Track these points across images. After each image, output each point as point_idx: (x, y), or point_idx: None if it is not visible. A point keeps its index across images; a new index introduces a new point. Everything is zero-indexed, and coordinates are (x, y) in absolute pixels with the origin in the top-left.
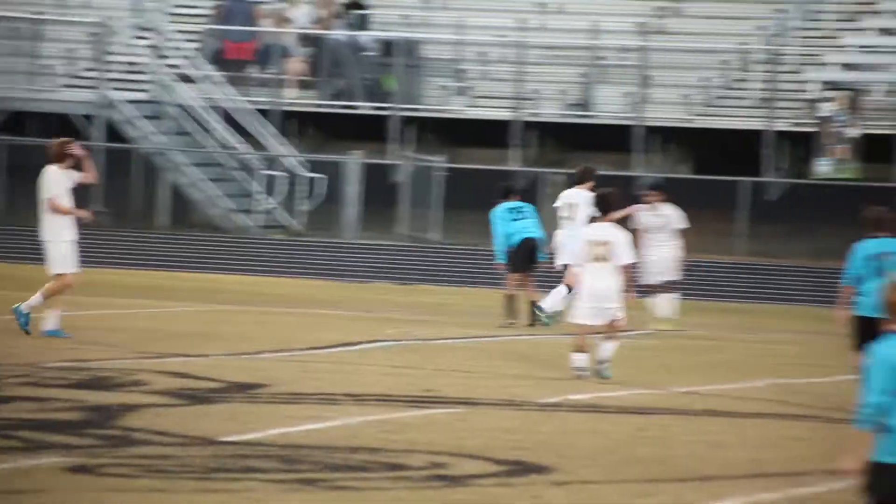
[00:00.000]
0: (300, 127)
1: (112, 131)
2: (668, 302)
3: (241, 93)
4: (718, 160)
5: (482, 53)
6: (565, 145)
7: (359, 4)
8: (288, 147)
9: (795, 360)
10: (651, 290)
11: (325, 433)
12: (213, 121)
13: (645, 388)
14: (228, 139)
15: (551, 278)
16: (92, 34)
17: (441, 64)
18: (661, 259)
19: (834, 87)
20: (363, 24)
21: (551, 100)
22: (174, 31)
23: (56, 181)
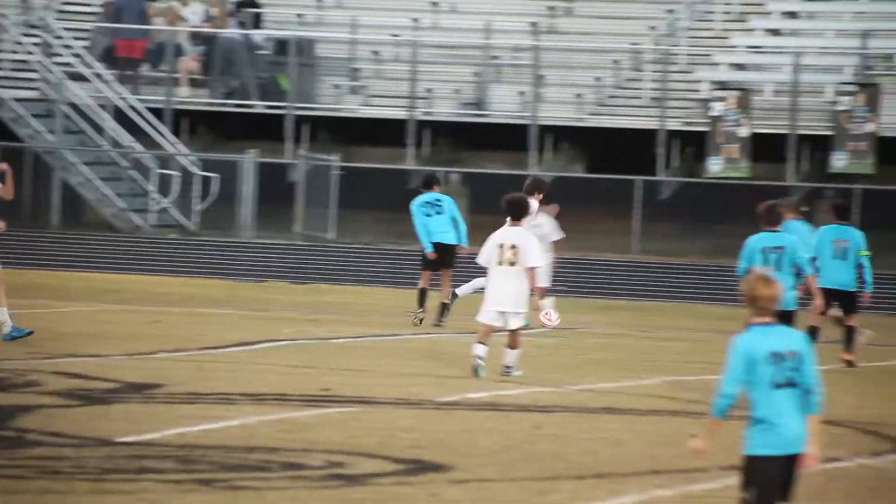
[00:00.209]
0: (193, 126)
1: (2, 129)
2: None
3: (133, 91)
4: (612, 159)
5: (376, 52)
6: (460, 144)
7: (252, 3)
8: (181, 146)
9: (688, 358)
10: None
11: (221, 433)
12: (106, 119)
13: (542, 386)
14: (121, 138)
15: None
16: None
17: (335, 63)
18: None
19: (724, 86)
20: (257, 22)
21: (446, 99)
22: (63, 29)
23: None
